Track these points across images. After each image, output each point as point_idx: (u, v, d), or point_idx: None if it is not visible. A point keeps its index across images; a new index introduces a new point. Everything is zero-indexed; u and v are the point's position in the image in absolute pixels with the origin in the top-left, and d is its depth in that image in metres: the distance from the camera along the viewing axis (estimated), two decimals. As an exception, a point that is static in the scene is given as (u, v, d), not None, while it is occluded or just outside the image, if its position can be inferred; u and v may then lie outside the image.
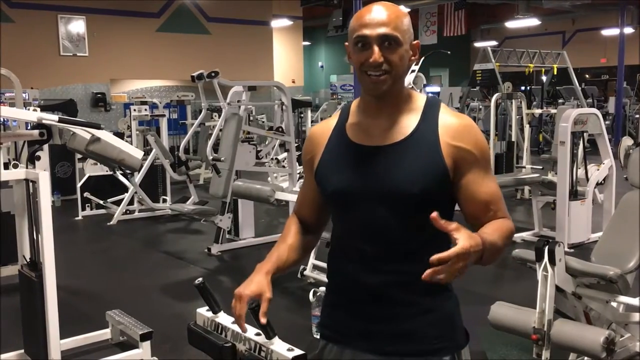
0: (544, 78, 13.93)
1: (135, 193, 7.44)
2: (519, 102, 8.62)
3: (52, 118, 3.30)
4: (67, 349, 3.43)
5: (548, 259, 2.90)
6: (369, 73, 1.42)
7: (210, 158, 5.98)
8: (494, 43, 19.41)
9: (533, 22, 17.66)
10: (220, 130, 6.30)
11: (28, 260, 3.14)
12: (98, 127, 3.71)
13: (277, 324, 1.48)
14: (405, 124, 1.47)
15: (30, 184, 3.05)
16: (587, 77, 19.94)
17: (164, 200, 7.93)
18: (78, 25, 13.86)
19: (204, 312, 1.63)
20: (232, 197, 5.96)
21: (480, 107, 12.60)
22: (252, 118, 10.24)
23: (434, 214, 1.24)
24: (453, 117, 1.48)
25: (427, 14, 16.14)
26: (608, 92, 18.88)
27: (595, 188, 6.04)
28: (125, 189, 7.51)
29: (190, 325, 1.64)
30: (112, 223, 7.24)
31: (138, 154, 4.22)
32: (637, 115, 14.89)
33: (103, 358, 3.39)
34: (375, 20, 1.40)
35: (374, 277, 1.48)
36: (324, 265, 4.58)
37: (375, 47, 1.40)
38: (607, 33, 18.58)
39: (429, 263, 1.21)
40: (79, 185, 7.67)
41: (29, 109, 6.07)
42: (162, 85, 16.28)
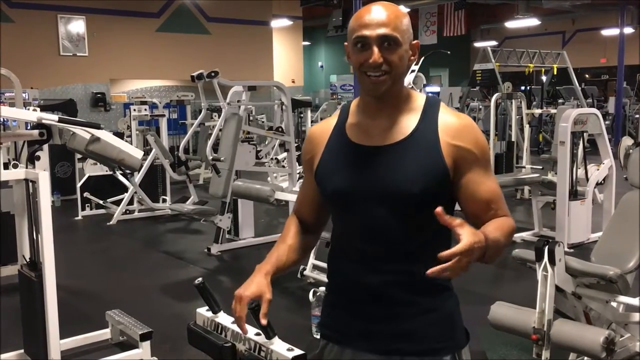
0: (544, 78, 13.93)
1: (135, 193, 7.44)
2: (519, 102, 8.62)
3: (51, 118, 3.30)
4: (67, 349, 3.42)
5: (548, 259, 2.90)
6: (369, 74, 1.42)
7: (210, 158, 5.98)
8: (494, 43, 19.41)
9: (533, 22, 17.67)
10: (220, 130, 6.29)
11: (28, 260, 3.13)
12: (98, 127, 3.71)
13: (277, 324, 1.48)
14: (405, 124, 1.47)
15: (30, 184, 3.05)
16: (587, 77, 19.94)
17: (164, 200, 7.93)
18: (78, 25, 13.86)
19: (204, 312, 1.63)
20: (231, 197, 5.96)
21: (480, 107, 12.60)
22: (252, 118, 10.24)
23: (439, 209, 1.24)
24: (453, 116, 1.48)
25: (427, 14, 16.14)
26: (608, 92, 18.89)
27: (595, 188, 6.03)
28: (125, 189, 7.51)
29: (190, 325, 1.64)
30: (111, 223, 7.24)
31: (138, 154, 4.22)
32: (637, 115, 14.89)
33: (103, 358, 3.39)
34: (375, 21, 1.40)
35: (374, 277, 1.48)
36: (324, 265, 4.58)
37: (375, 47, 1.40)
38: (607, 33, 18.59)
39: (438, 259, 1.21)
40: (79, 185, 7.67)
41: (29, 109, 6.07)
42: (162, 85, 16.29)
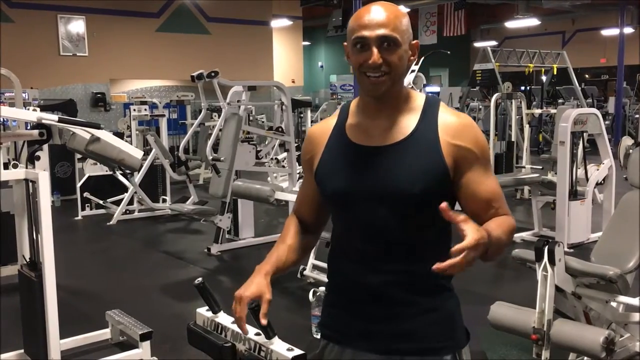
0: (544, 78, 13.93)
1: (135, 193, 7.44)
2: (519, 102, 8.62)
3: (51, 118, 3.30)
4: (66, 349, 3.42)
5: (548, 259, 2.90)
6: (368, 74, 1.42)
7: (210, 158, 5.98)
8: (494, 43, 19.41)
9: (533, 22, 17.67)
10: (220, 130, 6.29)
11: (28, 260, 3.13)
12: (98, 127, 3.71)
13: (276, 324, 1.48)
14: (405, 124, 1.47)
15: (30, 184, 3.05)
16: (586, 77, 19.95)
17: (164, 200, 7.93)
18: (78, 25, 13.86)
19: (204, 312, 1.63)
20: (231, 197, 5.96)
21: (480, 107, 12.61)
22: (251, 118, 10.24)
23: (444, 205, 1.24)
24: (453, 116, 1.48)
25: (426, 14, 16.15)
26: (608, 92, 18.90)
27: (595, 188, 6.03)
28: (125, 189, 7.51)
29: (190, 325, 1.64)
30: (111, 223, 7.24)
31: (138, 154, 4.22)
32: (636, 115, 14.90)
33: (103, 358, 3.39)
34: (374, 21, 1.40)
35: (374, 277, 1.48)
36: (324, 265, 4.59)
37: (374, 48, 1.40)
38: (606, 33, 18.60)
39: (450, 254, 1.20)
40: (79, 185, 7.67)
41: (29, 109, 6.07)
42: (161, 85, 16.29)
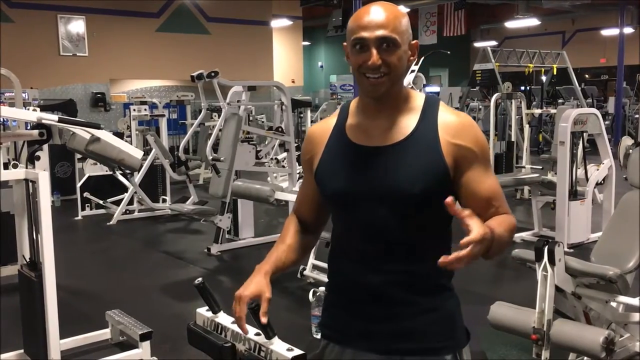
0: (544, 78, 13.95)
1: (135, 193, 7.44)
2: (519, 102, 8.63)
3: (51, 118, 3.30)
4: (66, 349, 3.42)
5: (548, 259, 2.90)
6: (367, 75, 1.42)
7: (210, 158, 5.98)
8: (494, 43, 19.42)
9: (533, 22, 17.68)
10: (220, 130, 6.29)
11: (28, 260, 3.13)
12: (98, 127, 3.71)
13: (276, 324, 1.48)
14: (405, 124, 1.47)
15: (30, 184, 3.05)
16: (586, 77, 19.95)
17: (164, 200, 7.93)
18: (78, 25, 13.86)
19: (204, 312, 1.63)
20: (231, 197, 5.96)
21: (480, 107, 12.61)
22: (251, 118, 10.24)
23: (449, 199, 1.23)
24: (452, 115, 1.48)
25: (426, 14, 16.15)
26: (608, 92, 18.90)
27: (595, 188, 6.03)
28: (125, 189, 7.51)
29: (190, 325, 1.64)
30: (111, 223, 7.24)
31: (138, 154, 4.22)
32: (636, 115, 14.89)
33: (103, 358, 3.39)
34: (374, 22, 1.39)
35: (374, 276, 1.48)
36: (324, 265, 4.59)
37: (374, 49, 1.39)
38: (606, 33, 18.60)
39: (460, 245, 1.20)
40: (79, 185, 7.67)
41: (29, 109, 6.07)
42: (161, 85, 16.29)
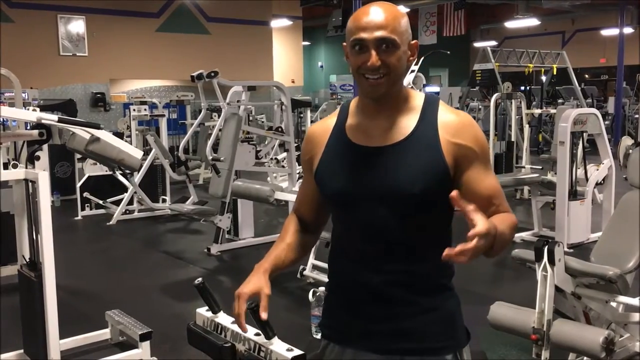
0: (544, 78, 13.95)
1: (135, 193, 7.44)
2: (519, 102, 8.62)
3: (51, 118, 3.30)
4: (66, 349, 3.42)
5: (547, 259, 2.90)
6: (367, 76, 1.42)
7: (210, 158, 5.98)
8: (494, 43, 19.42)
9: (533, 22, 17.68)
10: (220, 130, 6.29)
11: (27, 260, 3.13)
12: (97, 127, 3.71)
13: (276, 324, 1.48)
14: (405, 124, 1.47)
15: (30, 184, 3.05)
16: (586, 77, 19.96)
17: (164, 200, 7.92)
18: (78, 25, 13.86)
19: (204, 312, 1.63)
20: (231, 197, 5.96)
21: (480, 107, 12.61)
22: (251, 118, 10.24)
23: (454, 193, 1.23)
24: (452, 114, 1.48)
25: (426, 14, 16.15)
26: (607, 92, 18.91)
27: (595, 188, 6.03)
28: (125, 189, 7.51)
29: (190, 325, 1.64)
30: (111, 223, 7.24)
31: (137, 154, 4.22)
32: (636, 115, 14.89)
33: (102, 358, 3.39)
34: (373, 23, 1.39)
35: (374, 276, 1.48)
36: (324, 265, 4.59)
37: (373, 50, 1.39)
38: (606, 33, 18.60)
39: (467, 238, 1.19)
40: (79, 185, 7.66)
41: (29, 109, 6.07)
42: (161, 85, 16.29)
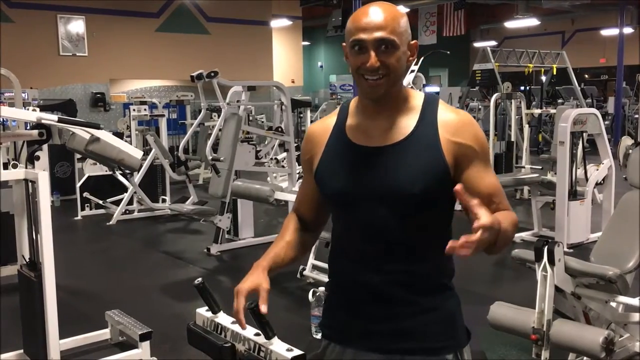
0: (544, 78, 13.95)
1: (135, 193, 7.44)
2: (519, 102, 8.63)
3: (51, 118, 3.30)
4: (66, 349, 3.42)
5: (547, 259, 2.90)
6: (366, 77, 1.41)
7: (210, 158, 5.98)
8: (494, 43, 19.42)
9: (532, 22, 17.69)
10: (220, 130, 6.29)
11: (27, 260, 3.13)
12: (97, 127, 3.72)
13: (276, 324, 1.48)
14: (405, 124, 1.47)
15: (30, 184, 3.05)
16: (586, 77, 19.96)
17: (163, 200, 7.92)
18: (77, 25, 13.86)
19: (204, 312, 1.63)
20: (231, 197, 5.96)
21: (480, 107, 12.60)
22: (251, 118, 10.24)
23: (458, 187, 1.22)
24: (452, 113, 1.48)
25: (426, 14, 16.16)
26: (607, 92, 18.91)
27: (595, 188, 6.03)
28: (125, 189, 7.51)
29: (190, 326, 1.64)
30: (111, 223, 7.24)
31: (137, 154, 4.22)
32: (636, 115, 14.89)
33: (102, 358, 3.39)
34: (372, 24, 1.39)
35: (375, 276, 1.48)
36: (324, 265, 4.59)
37: (372, 51, 1.39)
38: (606, 33, 18.60)
39: (472, 230, 1.18)
40: (79, 185, 7.67)
41: (29, 109, 6.07)
42: (161, 85, 16.29)
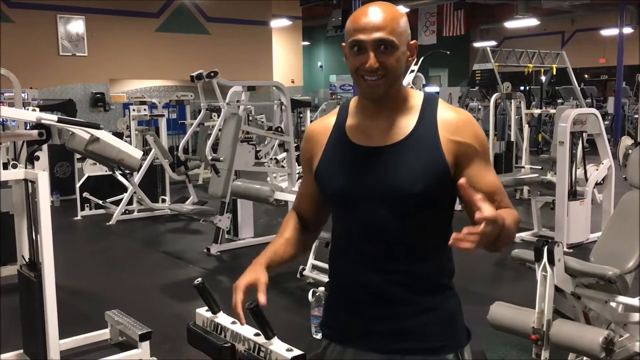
0: (543, 78, 13.95)
1: (135, 193, 7.43)
2: (518, 102, 8.63)
3: (51, 118, 3.30)
4: (66, 349, 3.42)
5: (547, 259, 2.90)
6: (365, 78, 1.41)
7: (210, 158, 5.98)
8: (493, 43, 19.42)
9: (532, 22, 17.69)
10: (220, 130, 6.29)
11: (27, 261, 3.13)
12: (97, 127, 3.71)
13: (276, 324, 1.48)
14: (405, 124, 1.47)
15: (30, 184, 3.05)
16: (586, 77, 19.96)
17: (163, 200, 7.92)
18: (77, 25, 13.86)
19: (203, 312, 1.63)
20: (231, 197, 5.96)
21: (480, 107, 12.60)
22: (251, 118, 10.24)
23: (462, 180, 1.22)
24: (451, 112, 1.48)
25: (426, 14, 16.16)
26: (607, 92, 18.90)
27: (595, 188, 6.03)
28: (125, 189, 7.51)
29: (190, 326, 1.64)
30: (111, 223, 7.24)
31: (137, 154, 4.22)
32: (636, 115, 14.89)
33: (102, 358, 3.39)
34: (371, 25, 1.39)
35: (375, 276, 1.48)
36: (324, 266, 4.59)
37: (371, 52, 1.39)
38: (606, 33, 18.61)
39: (475, 221, 1.17)
40: (78, 185, 7.66)
41: (28, 109, 6.07)
42: (161, 85, 16.29)
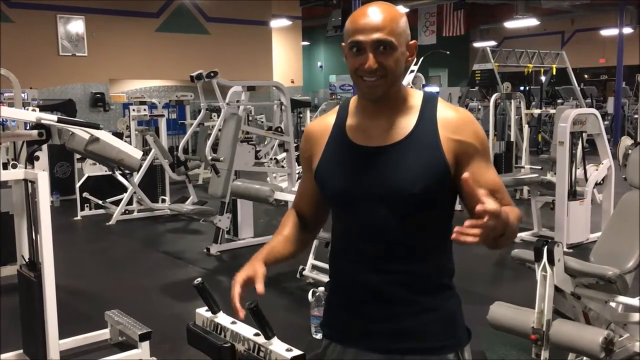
0: (543, 78, 13.95)
1: (134, 193, 7.43)
2: (518, 102, 8.63)
3: (51, 118, 3.30)
4: (66, 349, 3.42)
5: (547, 259, 2.90)
6: (364, 78, 1.41)
7: (209, 158, 5.98)
8: (493, 43, 19.43)
9: (532, 22, 17.69)
10: (219, 130, 6.30)
11: (27, 261, 3.13)
12: (97, 127, 3.71)
13: (275, 324, 1.48)
14: (404, 124, 1.47)
15: (29, 184, 3.05)
16: (586, 77, 19.97)
17: (163, 200, 7.92)
18: (77, 25, 13.86)
19: (203, 312, 1.63)
20: (231, 197, 5.96)
21: (479, 107, 12.62)
22: (251, 118, 10.24)
23: (465, 175, 1.22)
24: (451, 111, 1.48)
25: (426, 14, 16.17)
26: (607, 92, 18.91)
27: (594, 188, 6.03)
28: (124, 189, 7.51)
29: (190, 326, 1.64)
30: (111, 223, 7.24)
31: (137, 154, 4.22)
32: (635, 116, 14.89)
33: (102, 358, 3.39)
34: (370, 25, 1.39)
35: (375, 276, 1.48)
36: (323, 265, 4.59)
37: (370, 53, 1.39)
38: (606, 33, 18.61)
39: (475, 213, 1.17)
40: (78, 185, 7.67)
41: (28, 109, 6.08)
42: (161, 85, 16.29)
